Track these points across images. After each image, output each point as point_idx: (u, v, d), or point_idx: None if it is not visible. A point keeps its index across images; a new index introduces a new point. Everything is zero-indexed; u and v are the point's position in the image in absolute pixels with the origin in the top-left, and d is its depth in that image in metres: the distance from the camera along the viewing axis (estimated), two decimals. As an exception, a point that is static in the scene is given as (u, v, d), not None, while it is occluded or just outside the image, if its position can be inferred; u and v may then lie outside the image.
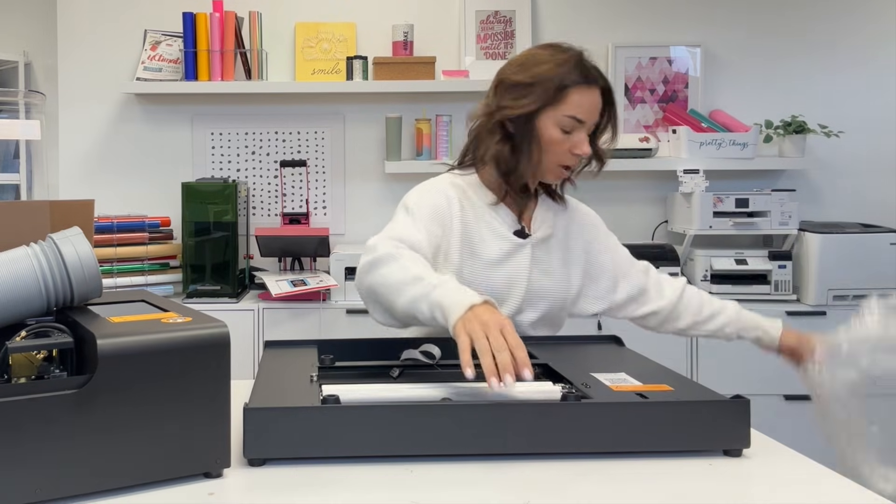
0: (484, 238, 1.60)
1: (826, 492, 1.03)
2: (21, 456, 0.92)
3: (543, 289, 1.63)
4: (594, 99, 1.54)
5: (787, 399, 2.93)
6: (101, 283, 1.12)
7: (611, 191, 3.29)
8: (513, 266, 1.60)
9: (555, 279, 1.64)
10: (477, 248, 1.59)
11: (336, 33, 3.23)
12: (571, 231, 1.70)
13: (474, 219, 1.60)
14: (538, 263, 1.63)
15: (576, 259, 1.68)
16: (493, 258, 1.59)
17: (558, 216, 1.69)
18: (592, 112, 1.54)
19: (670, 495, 1.00)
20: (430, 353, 1.39)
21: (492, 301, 1.28)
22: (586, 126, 1.54)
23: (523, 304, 1.61)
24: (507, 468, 1.07)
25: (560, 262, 1.66)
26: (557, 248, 1.67)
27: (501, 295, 1.59)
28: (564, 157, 1.56)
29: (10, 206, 1.67)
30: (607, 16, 3.32)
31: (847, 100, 3.33)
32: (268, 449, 1.07)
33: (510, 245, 1.60)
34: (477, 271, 1.58)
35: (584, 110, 1.52)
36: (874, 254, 2.94)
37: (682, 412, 1.11)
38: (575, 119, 1.52)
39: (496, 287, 1.59)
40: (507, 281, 1.60)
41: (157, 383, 0.98)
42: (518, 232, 1.62)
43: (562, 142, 1.53)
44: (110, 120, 3.27)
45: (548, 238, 1.66)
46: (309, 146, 3.29)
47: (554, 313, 1.66)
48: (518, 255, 1.61)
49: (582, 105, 1.52)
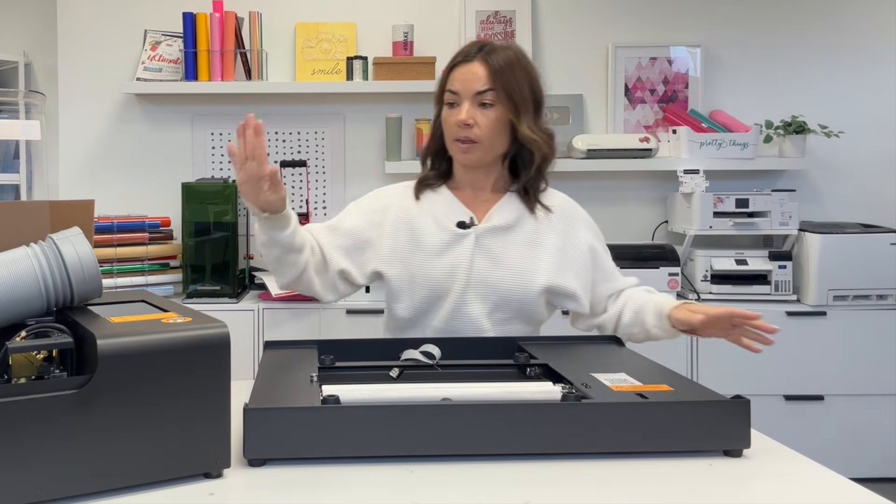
0: (427, 229, 1.65)
1: (826, 492, 1.03)
2: (21, 456, 0.92)
3: (492, 279, 1.62)
4: (468, 70, 1.63)
5: (787, 399, 2.93)
6: (101, 284, 1.12)
7: (611, 191, 3.29)
8: (454, 256, 1.62)
9: (507, 270, 1.62)
10: (420, 239, 1.65)
11: (336, 33, 3.23)
12: (547, 226, 1.67)
13: (417, 211, 1.67)
14: (486, 253, 1.63)
15: (546, 253, 1.65)
16: (434, 248, 1.63)
17: (528, 211, 1.68)
18: (466, 82, 1.62)
19: (671, 495, 1.00)
20: (430, 354, 1.39)
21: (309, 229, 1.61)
22: (466, 97, 1.62)
23: (468, 295, 1.61)
24: (507, 468, 1.07)
25: (520, 253, 1.64)
26: (519, 240, 1.65)
27: (444, 284, 1.61)
28: (453, 131, 1.64)
29: (10, 206, 1.67)
30: (607, 16, 3.32)
31: (847, 100, 3.33)
32: (268, 449, 1.07)
33: (450, 235, 1.64)
34: (421, 261, 1.63)
35: (457, 82, 1.64)
36: (874, 254, 2.94)
37: (683, 412, 1.11)
38: (451, 92, 1.64)
39: (438, 276, 1.62)
40: (449, 270, 1.62)
41: (157, 383, 0.98)
42: (461, 223, 1.64)
43: (448, 117, 1.64)
44: (110, 120, 3.27)
45: (503, 229, 1.65)
46: (309, 146, 3.29)
47: (515, 307, 1.63)
48: (459, 245, 1.63)
49: (456, 78, 1.64)
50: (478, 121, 1.61)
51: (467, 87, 1.62)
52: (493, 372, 1.38)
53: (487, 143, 1.63)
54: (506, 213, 1.67)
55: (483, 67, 1.61)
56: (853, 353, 2.92)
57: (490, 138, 1.62)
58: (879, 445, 2.93)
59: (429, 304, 1.63)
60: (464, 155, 1.64)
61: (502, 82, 1.61)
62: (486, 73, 1.61)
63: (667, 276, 2.95)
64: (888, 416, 2.93)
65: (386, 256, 1.65)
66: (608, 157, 3.11)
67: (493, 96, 1.61)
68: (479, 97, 1.61)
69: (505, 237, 1.65)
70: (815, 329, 2.92)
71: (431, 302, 1.63)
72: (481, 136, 1.62)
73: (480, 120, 1.61)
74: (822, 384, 2.93)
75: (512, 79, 1.62)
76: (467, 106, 1.61)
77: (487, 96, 1.61)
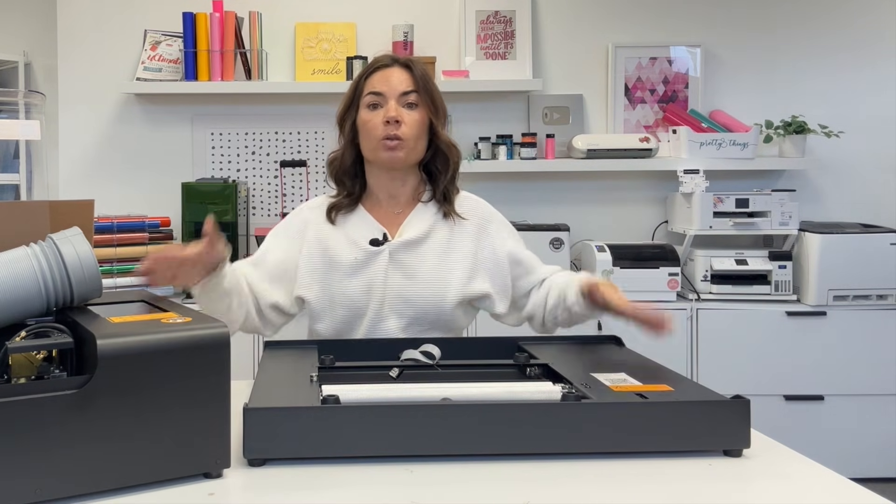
0: (341, 249, 1.64)
1: (826, 492, 1.03)
2: (21, 456, 0.92)
3: (407, 293, 1.61)
4: (391, 73, 1.64)
5: (787, 399, 2.93)
6: (101, 284, 1.12)
7: (611, 191, 3.28)
8: (369, 274, 1.61)
9: (422, 282, 1.62)
10: (335, 258, 1.63)
11: (336, 33, 3.23)
12: (458, 231, 1.67)
13: (331, 232, 1.66)
14: (400, 269, 1.62)
15: (459, 261, 1.64)
16: (348, 268, 1.62)
17: (442, 218, 1.67)
18: (391, 82, 1.63)
19: (670, 495, 1.00)
20: (430, 354, 1.39)
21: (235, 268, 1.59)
22: (391, 97, 1.62)
23: (384, 312, 1.61)
24: (507, 468, 1.07)
25: (432, 266, 1.63)
26: (432, 250, 1.64)
27: (360, 303, 1.61)
28: (379, 131, 1.61)
29: (10, 206, 1.67)
30: (607, 16, 3.32)
31: (847, 100, 3.33)
32: (268, 449, 1.07)
33: (364, 254, 1.62)
34: (336, 281, 1.62)
35: (381, 84, 1.63)
36: (874, 254, 2.94)
37: (683, 412, 1.11)
38: (374, 93, 1.63)
39: (353, 296, 1.61)
40: (364, 289, 1.61)
41: (156, 383, 0.98)
42: (374, 241, 1.63)
43: (373, 118, 1.62)
44: (110, 120, 3.27)
45: (415, 242, 1.64)
46: (309, 146, 3.29)
47: (431, 319, 1.62)
48: (374, 263, 1.62)
49: (379, 81, 1.64)
50: (404, 119, 1.61)
51: (393, 88, 1.62)
52: (492, 372, 1.38)
53: (412, 142, 1.62)
54: (418, 225, 1.65)
55: (405, 71, 1.65)
56: (853, 353, 2.92)
57: (415, 138, 1.62)
58: (879, 445, 2.93)
59: (348, 323, 1.63)
60: (391, 153, 1.61)
61: (424, 86, 1.64)
62: (408, 76, 1.64)
63: (667, 276, 2.96)
64: (888, 416, 2.93)
65: (305, 281, 1.64)
66: (608, 157, 3.11)
67: (416, 98, 1.63)
68: (405, 98, 1.62)
69: (418, 250, 1.64)
70: (815, 329, 2.92)
71: (350, 321, 1.62)
72: (408, 134, 1.61)
73: (406, 119, 1.61)
74: (822, 384, 2.93)
75: (431, 85, 1.67)
76: (394, 104, 1.61)
77: (412, 97, 1.63)
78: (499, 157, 3.15)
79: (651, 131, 3.28)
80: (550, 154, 3.18)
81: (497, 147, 3.16)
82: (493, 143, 3.17)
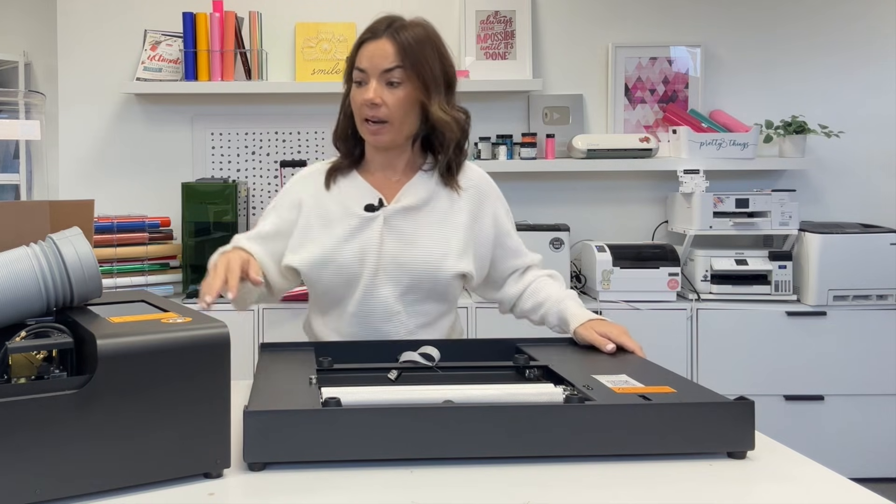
0: (336, 214, 1.62)
1: (828, 493, 1.02)
2: (21, 456, 0.92)
3: (403, 259, 1.59)
4: (375, 47, 1.57)
5: (787, 399, 2.93)
6: (101, 284, 1.12)
7: (611, 191, 3.28)
8: (363, 240, 1.59)
9: (419, 250, 1.60)
10: (332, 223, 1.62)
11: (336, 33, 3.23)
12: (458, 204, 1.65)
13: (329, 200, 1.64)
14: (396, 234, 1.60)
15: (456, 232, 1.62)
16: (344, 232, 1.60)
17: (443, 187, 1.65)
18: (374, 59, 1.56)
19: (673, 498, 1.00)
20: (430, 356, 1.38)
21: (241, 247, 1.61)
22: (374, 74, 1.56)
23: (379, 278, 1.59)
24: (509, 470, 1.07)
25: (431, 233, 1.61)
26: (430, 219, 1.62)
27: (353, 269, 1.59)
28: (361, 111, 1.58)
29: (10, 206, 1.66)
30: (607, 16, 3.32)
31: (847, 100, 3.33)
32: (268, 452, 1.06)
33: (358, 220, 1.60)
34: (332, 246, 1.60)
35: (364, 59, 1.57)
36: (874, 254, 2.94)
37: (686, 414, 1.11)
38: (359, 69, 1.58)
39: (347, 261, 1.59)
40: (358, 254, 1.59)
41: (157, 383, 0.98)
42: (368, 206, 1.61)
43: (357, 96, 1.59)
44: (110, 120, 3.27)
45: (413, 208, 1.62)
46: (309, 146, 3.29)
47: (427, 287, 1.60)
48: (368, 229, 1.60)
49: (364, 56, 1.58)
50: (385, 100, 1.55)
51: (374, 65, 1.55)
52: (492, 374, 1.38)
53: (397, 123, 1.57)
54: (417, 193, 1.63)
55: (391, 44, 1.55)
56: (853, 353, 2.92)
57: (399, 118, 1.57)
58: (879, 445, 2.93)
59: (343, 290, 1.61)
60: (374, 137, 1.59)
61: (411, 60, 1.55)
62: (393, 51, 1.55)
63: (667, 276, 2.95)
64: (888, 416, 2.93)
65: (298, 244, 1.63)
66: (608, 157, 3.11)
67: (400, 74, 1.55)
68: (387, 75, 1.55)
69: (416, 217, 1.62)
70: (815, 329, 2.92)
71: (344, 288, 1.60)
72: (390, 115, 1.56)
73: (388, 99, 1.55)
74: (822, 384, 2.93)
75: (421, 56, 1.56)
76: (374, 84, 1.55)
77: (395, 74, 1.55)
78: (499, 157, 3.15)
79: (651, 131, 3.28)
80: (550, 154, 3.18)
81: (497, 147, 3.16)
82: (493, 143, 3.16)
